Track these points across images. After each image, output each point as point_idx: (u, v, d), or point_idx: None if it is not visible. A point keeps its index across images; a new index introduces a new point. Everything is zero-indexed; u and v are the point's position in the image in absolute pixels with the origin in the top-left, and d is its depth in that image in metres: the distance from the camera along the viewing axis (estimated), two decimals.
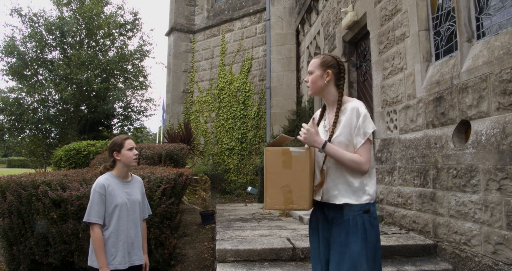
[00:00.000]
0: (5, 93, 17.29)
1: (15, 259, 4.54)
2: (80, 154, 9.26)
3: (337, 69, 2.36)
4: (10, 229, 4.43)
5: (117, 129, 19.69)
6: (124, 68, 18.55)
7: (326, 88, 2.36)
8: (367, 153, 2.18)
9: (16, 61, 17.00)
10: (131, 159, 3.00)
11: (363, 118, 2.20)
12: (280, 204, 2.25)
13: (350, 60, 7.51)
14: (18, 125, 17.18)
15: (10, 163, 63.80)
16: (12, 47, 16.67)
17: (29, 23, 17.48)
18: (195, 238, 6.51)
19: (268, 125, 11.77)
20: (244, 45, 13.67)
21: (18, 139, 18.29)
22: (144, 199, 3.24)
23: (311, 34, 10.16)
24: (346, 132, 2.22)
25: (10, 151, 24.14)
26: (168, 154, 6.97)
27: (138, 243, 3.05)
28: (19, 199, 4.28)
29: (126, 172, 3.06)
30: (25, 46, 17.30)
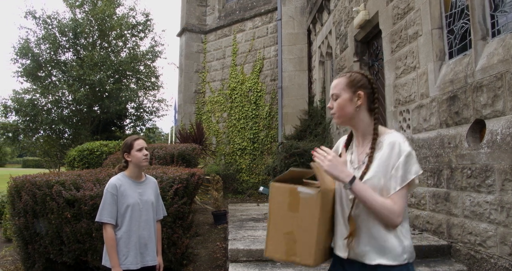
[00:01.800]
0: (20, 94, 17.52)
1: (30, 257, 4.60)
2: (93, 154, 9.35)
3: (370, 90, 1.86)
4: (26, 228, 4.49)
5: (130, 129, 19.83)
6: (136, 69, 18.68)
7: (357, 115, 1.86)
8: (402, 201, 1.69)
9: (31, 63, 17.23)
10: (141, 159, 3.00)
11: (406, 158, 1.71)
12: (281, 254, 1.84)
13: (362, 59, 7.46)
14: (33, 126, 17.40)
15: (25, 163, 64.72)
16: (26, 49, 16.90)
17: (43, 25, 17.69)
18: (207, 238, 6.52)
19: (280, 125, 11.75)
20: (256, 45, 13.66)
21: (32, 139, 18.53)
22: (158, 199, 3.22)
23: (322, 34, 10.12)
24: (380, 174, 1.74)
25: (25, 151, 24.45)
26: (181, 154, 6.99)
27: (152, 244, 3.03)
28: (34, 198, 4.33)
29: (138, 172, 3.07)
30: (39, 48, 17.52)
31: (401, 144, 1.74)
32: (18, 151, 39.90)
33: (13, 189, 4.68)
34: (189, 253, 5.10)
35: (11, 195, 4.77)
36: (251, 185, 12.86)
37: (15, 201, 4.60)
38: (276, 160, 9.01)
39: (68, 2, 18.08)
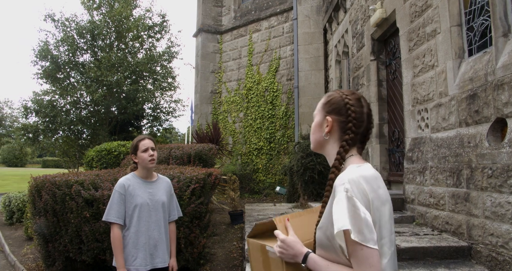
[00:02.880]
0: (39, 96, 17.84)
1: (50, 255, 4.67)
2: (111, 154, 9.45)
3: (344, 117, 1.47)
4: (46, 227, 4.56)
5: (147, 130, 20.00)
6: (153, 70, 18.83)
7: (326, 145, 1.52)
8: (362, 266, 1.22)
9: (50, 65, 17.51)
10: (146, 160, 2.93)
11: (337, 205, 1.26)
12: None
13: (379, 58, 7.39)
14: (52, 127, 17.69)
15: (44, 163, 65.87)
16: (45, 51, 17.18)
17: (61, 28, 17.97)
18: (224, 238, 6.54)
19: (297, 125, 11.72)
20: (272, 45, 13.65)
21: (52, 139, 18.83)
22: (172, 200, 3.14)
23: (339, 33, 10.06)
24: (325, 228, 1.35)
25: (44, 151, 24.89)
26: (197, 154, 7.02)
27: (162, 245, 2.94)
28: (53, 198, 4.40)
29: (147, 173, 3.01)
30: (58, 50, 17.80)
31: (337, 187, 1.30)
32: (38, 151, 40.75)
33: (34, 189, 4.76)
34: (206, 252, 5.12)
35: (31, 195, 4.86)
36: (267, 185, 12.85)
37: (36, 200, 4.69)
38: (293, 159, 8.98)
39: (86, 4, 18.33)
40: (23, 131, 18.55)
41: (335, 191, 1.29)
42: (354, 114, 1.45)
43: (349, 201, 1.24)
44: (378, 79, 7.32)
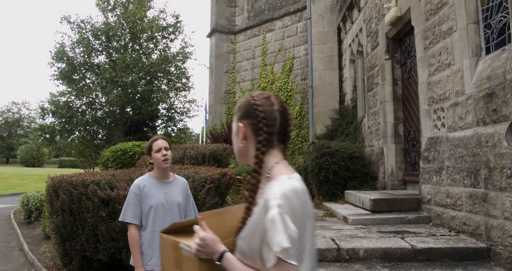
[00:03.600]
0: (56, 97, 18.08)
1: (68, 254, 4.74)
2: (126, 154, 9.53)
3: (254, 118, 1.39)
4: (63, 226, 4.62)
5: (161, 130, 20.12)
6: (167, 70, 18.93)
7: (247, 153, 1.46)
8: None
9: (66, 66, 17.74)
10: (160, 160, 2.93)
11: (272, 222, 1.20)
12: None
13: (394, 57, 7.33)
14: (68, 127, 17.91)
15: (61, 163, 66.83)
16: (62, 53, 17.41)
17: (77, 30, 18.19)
18: None
19: (311, 125, 11.68)
20: (285, 45, 13.62)
21: (68, 140, 19.07)
22: (188, 200, 3.11)
23: (353, 32, 10.00)
24: (249, 239, 1.30)
25: (61, 151, 25.24)
26: (212, 154, 7.04)
27: None
28: (70, 197, 4.46)
29: (162, 173, 3.01)
30: (74, 52, 18.02)
31: (270, 201, 1.23)
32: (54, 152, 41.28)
33: (51, 188, 4.83)
34: None
35: (49, 194, 4.93)
36: None
37: (53, 200, 4.75)
38: (307, 159, 8.96)
39: (100, 6, 18.52)
40: (40, 132, 18.83)
41: (268, 205, 1.24)
42: (263, 114, 1.38)
43: (283, 219, 1.20)
44: (393, 78, 7.26)
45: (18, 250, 7.49)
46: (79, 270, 4.67)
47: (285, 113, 1.42)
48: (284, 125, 1.42)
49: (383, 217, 5.42)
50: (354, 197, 6.76)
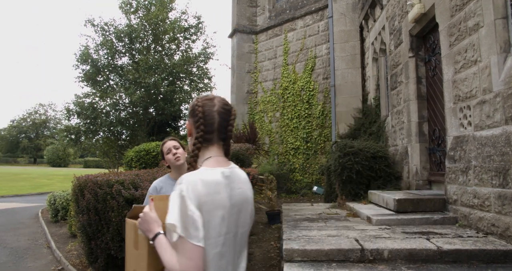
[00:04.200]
0: (81, 98, 18.43)
1: (93, 252, 4.82)
2: (149, 154, 9.64)
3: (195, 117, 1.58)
4: (89, 225, 4.70)
5: (184, 130, 20.28)
6: (189, 71, 19.06)
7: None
8: (182, 257, 1.36)
9: (90, 68, 18.07)
10: (172, 160, 2.96)
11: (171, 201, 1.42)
12: None
13: (418, 54, 7.20)
14: (93, 128, 18.24)
15: (86, 163, 68.19)
16: (86, 55, 17.74)
17: (100, 32, 18.51)
18: (261, 237, 6.55)
19: (333, 124, 11.60)
20: (307, 44, 13.56)
21: (93, 140, 19.41)
22: None
23: (375, 30, 9.87)
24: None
25: (86, 152, 25.70)
26: (234, 154, 7.06)
27: None
28: (95, 197, 4.53)
29: (179, 173, 2.95)
30: (98, 54, 18.34)
31: (176, 185, 1.44)
32: (80, 152, 42.12)
33: (77, 188, 4.93)
34: None
35: (75, 194, 5.02)
36: (304, 184, 12.79)
37: (79, 199, 4.84)
38: (330, 159, 8.90)
39: (123, 9, 18.79)
40: (66, 132, 19.21)
41: (175, 188, 1.42)
42: (201, 114, 1.55)
43: (181, 200, 1.38)
44: (417, 76, 7.13)
45: (46, 247, 7.66)
46: (104, 268, 4.74)
47: (225, 114, 1.58)
48: (223, 124, 1.58)
49: (407, 218, 5.34)
50: (377, 197, 6.68)
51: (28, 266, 6.39)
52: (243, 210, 1.56)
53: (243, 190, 1.57)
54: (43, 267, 6.36)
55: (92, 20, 18.44)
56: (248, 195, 1.60)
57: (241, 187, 1.57)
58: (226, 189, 1.49)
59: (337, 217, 6.33)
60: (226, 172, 1.53)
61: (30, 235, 8.99)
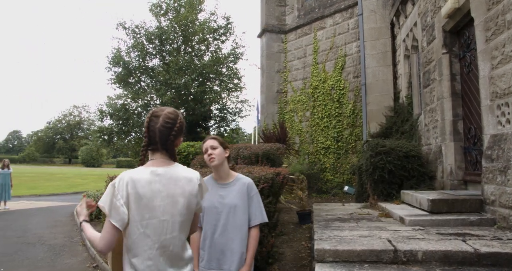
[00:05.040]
0: (113, 100, 18.85)
1: None
2: (180, 154, 9.76)
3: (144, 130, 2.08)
4: None
5: (214, 130, 20.46)
6: (219, 71, 19.20)
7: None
8: (104, 230, 1.84)
9: (122, 70, 18.45)
10: (207, 161, 2.84)
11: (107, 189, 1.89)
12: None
13: (452, 51, 7.02)
14: (125, 129, 18.63)
15: (118, 163, 69.73)
16: (118, 58, 18.13)
17: (132, 35, 18.88)
18: (292, 237, 6.52)
19: (365, 123, 11.44)
20: (337, 42, 13.43)
21: (125, 141, 19.83)
22: (250, 203, 2.84)
23: (407, 26, 9.68)
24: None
25: (118, 152, 26.29)
26: (265, 154, 7.06)
27: (231, 251, 2.72)
28: None
29: (218, 174, 2.89)
30: (129, 56, 18.72)
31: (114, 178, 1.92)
32: (112, 152, 43.18)
33: None
34: (274, 252, 5.13)
35: None
36: (335, 184, 12.67)
37: None
38: (362, 158, 8.78)
39: (153, 11, 19.10)
40: (99, 133, 19.69)
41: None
42: (146, 129, 2.00)
43: (112, 189, 1.85)
44: (451, 73, 6.95)
45: (81, 245, 7.87)
46: None
47: (166, 130, 1.96)
48: (163, 138, 1.96)
49: (442, 218, 5.21)
50: (410, 197, 6.55)
51: (65, 263, 6.59)
52: (175, 201, 1.93)
53: (174, 185, 1.94)
54: (79, 263, 6.54)
55: (123, 24, 18.84)
56: (179, 189, 1.95)
57: (173, 183, 1.94)
58: (155, 184, 1.90)
59: (369, 217, 6.24)
60: (158, 171, 1.93)
61: (66, 233, 9.26)
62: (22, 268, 6.24)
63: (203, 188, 2.12)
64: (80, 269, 6.24)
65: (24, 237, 8.65)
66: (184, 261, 2.02)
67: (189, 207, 1.99)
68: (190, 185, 2.00)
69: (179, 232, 1.97)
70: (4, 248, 7.56)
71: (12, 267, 6.30)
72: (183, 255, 2.01)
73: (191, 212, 2.03)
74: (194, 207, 2.04)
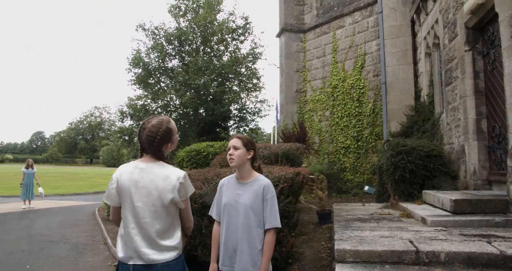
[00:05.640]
0: (133, 101, 19.04)
1: None
2: (200, 154, 9.80)
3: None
4: None
5: (233, 130, 20.51)
6: (238, 71, 19.23)
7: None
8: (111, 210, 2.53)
9: (142, 71, 18.63)
10: (228, 160, 2.83)
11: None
12: None
13: (475, 48, 6.87)
14: None
15: None
16: (138, 59, 18.31)
17: (151, 36, 19.05)
18: (312, 237, 6.49)
19: (385, 122, 11.31)
20: (356, 41, 13.32)
21: None
22: (264, 206, 2.72)
23: (428, 24, 9.53)
24: None
25: (138, 152, 26.68)
26: (285, 154, 7.04)
27: (243, 252, 2.67)
28: None
29: (239, 173, 2.85)
30: (149, 57, 18.89)
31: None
32: (133, 152, 43.77)
33: None
34: (294, 252, 5.11)
35: None
36: (355, 184, 12.57)
37: None
38: (382, 158, 8.68)
39: (172, 12, 19.23)
40: (119, 134, 19.94)
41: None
42: (138, 137, 2.52)
43: (111, 180, 2.38)
44: (474, 70, 6.81)
45: (103, 244, 7.98)
46: None
47: (148, 141, 2.38)
48: (147, 146, 2.40)
49: (465, 219, 5.11)
50: (432, 197, 6.44)
51: (87, 261, 6.69)
52: (149, 192, 2.29)
53: (150, 179, 2.30)
54: (101, 262, 6.63)
55: (143, 25, 19.03)
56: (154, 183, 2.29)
57: (150, 177, 2.31)
58: (134, 175, 2.33)
59: (389, 218, 6.17)
60: (140, 165, 2.37)
61: (88, 231, 9.40)
62: (46, 265, 6.37)
63: (186, 187, 2.38)
64: (102, 267, 6.33)
65: (48, 236, 8.82)
66: (164, 247, 2.29)
67: (161, 200, 2.29)
68: (165, 181, 2.30)
69: (151, 219, 2.28)
70: (30, 246, 7.73)
71: (37, 264, 6.45)
72: (159, 241, 2.28)
73: (165, 205, 2.30)
74: (167, 201, 2.29)
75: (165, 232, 2.32)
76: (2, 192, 21.02)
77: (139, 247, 2.25)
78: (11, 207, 14.23)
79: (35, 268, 6.21)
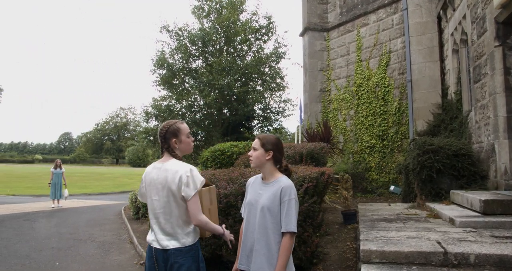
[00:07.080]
0: (158, 101, 19.26)
1: None
2: (224, 154, 9.84)
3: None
4: None
5: (257, 130, 20.52)
6: (262, 71, 19.22)
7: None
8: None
9: (166, 72, 18.83)
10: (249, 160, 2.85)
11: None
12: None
13: (506, 43, 6.68)
14: None
15: None
16: (162, 60, 18.52)
17: (175, 37, 19.24)
18: (336, 237, 6.43)
19: (411, 121, 11.12)
20: (381, 39, 13.13)
21: None
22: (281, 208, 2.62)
23: (455, 19, 9.32)
24: None
25: None
26: (309, 153, 7.00)
27: (259, 252, 2.61)
28: None
29: (262, 173, 2.83)
30: (173, 58, 19.08)
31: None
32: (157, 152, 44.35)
33: None
34: (319, 252, 5.08)
35: None
36: (380, 184, 12.40)
37: None
38: (408, 157, 8.53)
39: (196, 13, 19.37)
40: (144, 134, 20.19)
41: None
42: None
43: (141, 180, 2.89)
44: (505, 66, 6.62)
45: (129, 242, 8.10)
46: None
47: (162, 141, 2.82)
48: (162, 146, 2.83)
49: (496, 220, 4.97)
50: (461, 197, 6.30)
51: (114, 259, 6.80)
52: (163, 187, 2.67)
53: (164, 175, 2.67)
54: (127, 260, 6.73)
55: (167, 27, 19.24)
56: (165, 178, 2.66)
57: (164, 174, 2.68)
58: (152, 174, 2.77)
59: (416, 218, 6.06)
60: (157, 165, 2.79)
61: (115, 230, 9.56)
62: (75, 263, 6.50)
63: (194, 180, 2.64)
64: (128, 265, 6.42)
65: (76, 234, 9.01)
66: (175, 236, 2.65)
67: (169, 191, 2.65)
68: (174, 175, 2.64)
69: (163, 210, 2.68)
70: (59, 244, 7.92)
71: (66, 261, 6.60)
72: (171, 230, 2.66)
73: (172, 195, 2.65)
74: (177, 193, 2.63)
75: (176, 222, 2.66)
76: (32, 191, 21.62)
77: (157, 234, 2.69)
78: (40, 206, 14.61)
79: (64, 265, 6.35)
